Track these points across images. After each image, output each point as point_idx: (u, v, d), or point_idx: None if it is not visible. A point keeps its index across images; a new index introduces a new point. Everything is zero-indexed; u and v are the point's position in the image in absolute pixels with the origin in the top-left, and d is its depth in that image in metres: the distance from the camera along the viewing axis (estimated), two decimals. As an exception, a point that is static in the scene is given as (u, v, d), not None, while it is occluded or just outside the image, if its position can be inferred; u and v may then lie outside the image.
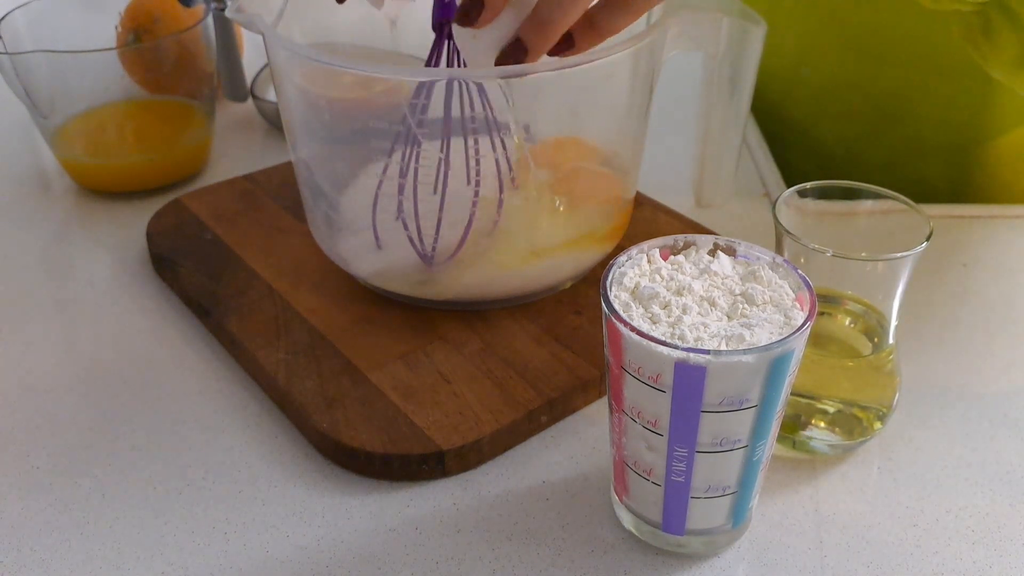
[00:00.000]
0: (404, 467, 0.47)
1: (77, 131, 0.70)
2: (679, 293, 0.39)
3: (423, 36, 0.52)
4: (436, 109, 0.49)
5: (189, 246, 0.62)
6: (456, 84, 0.48)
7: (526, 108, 0.51)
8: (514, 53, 0.45)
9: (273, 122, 0.80)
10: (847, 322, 0.47)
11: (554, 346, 0.53)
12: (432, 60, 0.51)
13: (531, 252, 0.53)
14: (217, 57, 0.74)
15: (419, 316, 0.55)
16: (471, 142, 0.50)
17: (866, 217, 0.47)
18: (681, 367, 0.36)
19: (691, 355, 0.36)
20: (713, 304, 0.39)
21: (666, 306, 0.39)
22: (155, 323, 0.58)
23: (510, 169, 0.51)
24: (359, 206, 0.53)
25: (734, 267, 0.41)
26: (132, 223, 0.68)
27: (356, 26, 0.61)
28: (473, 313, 0.55)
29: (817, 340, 0.47)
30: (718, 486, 0.40)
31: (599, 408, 0.51)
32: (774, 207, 0.45)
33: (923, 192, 0.63)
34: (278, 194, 0.67)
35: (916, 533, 0.44)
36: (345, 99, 0.50)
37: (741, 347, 0.37)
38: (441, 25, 0.51)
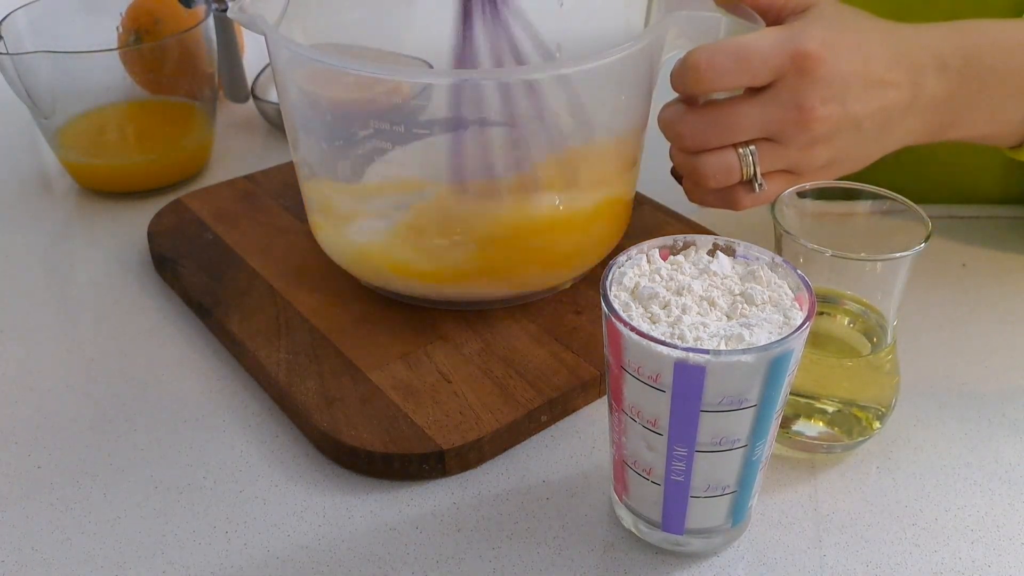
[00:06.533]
0: (404, 466, 0.47)
1: (78, 132, 0.70)
2: (679, 293, 0.39)
3: (424, 37, 0.52)
4: (436, 110, 0.49)
5: (190, 246, 0.62)
6: (457, 85, 0.48)
7: (527, 109, 0.51)
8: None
9: (274, 123, 0.80)
10: (846, 322, 0.47)
11: (554, 346, 0.53)
12: (464, 30, 0.51)
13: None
14: (218, 58, 0.74)
15: (419, 316, 0.55)
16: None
17: (865, 217, 0.47)
18: (680, 367, 0.36)
19: (690, 355, 0.36)
20: (712, 304, 0.39)
21: (666, 306, 0.39)
22: (156, 323, 0.58)
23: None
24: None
25: (733, 267, 0.41)
26: (133, 223, 0.68)
27: (358, 27, 0.61)
28: (473, 313, 0.55)
29: (816, 340, 0.47)
30: (717, 485, 0.40)
31: (599, 408, 0.51)
32: (773, 207, 0.45)
33: None
34: (279, 194, 0.67)
35: (915, 532, 0.44)
36: (347, 99, 0.50)
37: (740, 347, 0.37)
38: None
